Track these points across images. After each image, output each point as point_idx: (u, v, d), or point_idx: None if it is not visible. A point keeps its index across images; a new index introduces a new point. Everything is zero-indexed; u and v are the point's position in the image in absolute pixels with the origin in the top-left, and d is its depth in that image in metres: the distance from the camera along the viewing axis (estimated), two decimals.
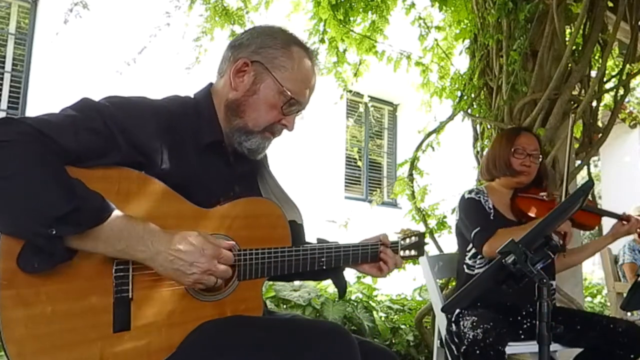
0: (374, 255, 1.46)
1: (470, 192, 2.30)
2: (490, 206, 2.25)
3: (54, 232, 0.95)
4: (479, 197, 2.26)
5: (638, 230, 2.28)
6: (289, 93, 1.27)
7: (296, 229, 1.36)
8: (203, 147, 1.25)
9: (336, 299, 3.64)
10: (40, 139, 0.98)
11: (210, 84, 1.36)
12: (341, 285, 1.50)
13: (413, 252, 1.56)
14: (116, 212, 1.03)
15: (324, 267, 1.36)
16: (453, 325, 1.98)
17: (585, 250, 2.44)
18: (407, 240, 1.55)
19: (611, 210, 2.39)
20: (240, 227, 1.24)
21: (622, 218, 2.30)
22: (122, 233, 1.02)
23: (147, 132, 1.14)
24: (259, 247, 1.25)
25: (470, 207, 2.26)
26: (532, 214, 2.22)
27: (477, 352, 1.80)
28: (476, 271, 2.22)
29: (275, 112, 1.28)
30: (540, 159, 2.33)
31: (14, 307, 0.98)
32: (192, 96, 1.33)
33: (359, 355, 1.13)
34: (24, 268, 0.97)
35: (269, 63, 1.27)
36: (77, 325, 1.04)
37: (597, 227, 2.56)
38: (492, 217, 2.21)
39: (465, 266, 2.26)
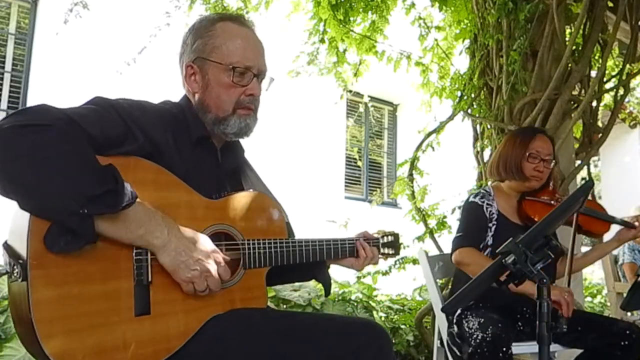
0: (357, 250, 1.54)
1: (475, 195, 2.25)
2: (494, 210, 2.20)
3: (86, 211, 0.98)
4: (483, 201, 2.21)
5: None
6: (232, 65, 1.30)
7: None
8: (194, 144, 1.31)
9: (336, 299, 3.64)
10: (73, 126, 1.04)
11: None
12: (326, 282, 1.55)
13: (391, 251, 1.66)
14: (139, 199, 1.07)
15: (317, 259, 1.43)
16: (455, 327, 1.97)
17: (589, 256, 2.38)
18: (385, 239, 1.65)
19: (622, 218, 2.30)
20: (242, 218, 1.31)
21: (631, 225, 2.21)
22: (143, 219, 1.08)
23: (155, 126, 1.21)
24: (261, 238, 1.31)
25: (468, 212, 2.23)
26: (537, 219, 2.17)
27: (487, 353, 1.79)
28: None
29: (232, 88, 1.32)
30: (554, 164, 2.26)
31: (43, 286, 1.00)
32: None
33: (392, 348, 1.21)
34: (51, 248, 1.00)
35: (203, 53, 1.33)
36: (101, 308, 1.06)
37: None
38: (494, 222, 2.18)
39: None
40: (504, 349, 1.80)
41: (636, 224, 2.21)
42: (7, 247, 1.08)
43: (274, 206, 1.39)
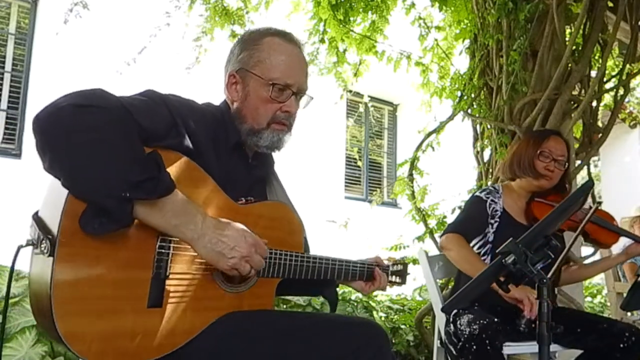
0: (370, 274, 1.57)
1: (482, 191, 2.29)
2: (498, 207, 2.22)
3: (127, 195, 1.01)
4: (488, 197, 2.24)
5: None
6: (272, 82, 1.33)
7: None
8: (230, 149, 1.35)
9: None
10: (126, 114, 1.08)
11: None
12: (334, 300, 1.57)
13: (398, 280, 1.68)
14: (177, 190, 1.10)
15: (329, 277, 1.45)
16: (451, 325, 1.98)
17: (596, 266, 2.41)
18: (395, 267, 1.67)
19: (632, 233, 2.31)
20: (264, 226, 1.33)
21: None
22: (179, 210, 1.10)
23: (199, 125, 1.25)
24: (278, 249, 1.33)
25: (470, 204, 2.27)
26: None
27: (474, 347, 1.79)
28: None
29: (269, 104, 1.35)
30: (567, 166, 2.27)
31: (67, 265, 1.02)
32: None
33: (391, 347, 1.22)
34: (84, 228, 1.01)
35: (247, 65, 1.36)
36: (117, 294, 1.08)
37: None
38: (497, 220, 2.19)
39: None
40: (493, 344, 1.79)
41: None
42: (38, 219, 1.09)
43: (295, 219, 1.42)
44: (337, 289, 1.63)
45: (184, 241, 1.13)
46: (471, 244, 2.25)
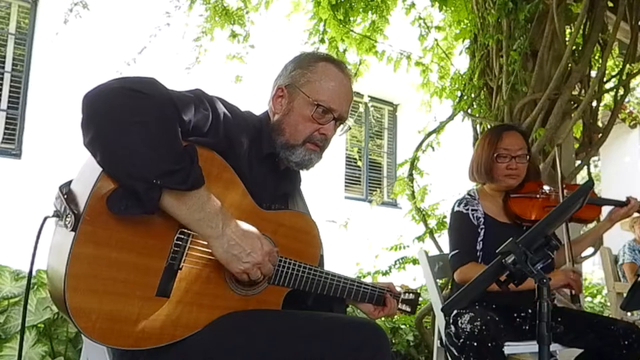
0: (379, 299, 1.58)
1: (459, 203, 2.23)
2: (480, 215, 2.18)
3: (158, 182, 1.04)
4: (467, 208, 2.19)
5: (637, 210, 2.20)
6: (317, 102, 1.38)
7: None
8: (263, 158, 1.39)
9: None
10: (171, 105, 1.12)
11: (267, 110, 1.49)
12: None
13: (407, 308, 1.69)
14: (205, 186, 1.13)
15: (339, 295, 1.47)
16: (452, 326, 1.97)
17: (584, 240, 2.36)
18: (406, 295, 1.68)
19: (611, 198, 2.28)
20: (283, 235, 1.36)
21: (622, 204, 2.21)
22: (204, 205, 1.12)
23: (237, 129, 1.30)
24: (293, 259, 1.35)
25: (457, 223, 2.20)
26: (527, 217, 2.17)
27: (475, 345, 1.79)
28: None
29: (310, 123, 1.39)
30: (529, 157, 2.22)
31: (87, 242, 1.05)
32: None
33: (390, 347, 1.24)
34: (111, 207, 1.04)
35: (298, 82, 1.41)
36: (129, 279, 1.10)
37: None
38: (482, 226, 2.16)
39: None
40: (493, 342, 1.79)
41: (630, 200, 2.21)
42: (68, 191, 1.12)
43: (315, 233, 1.45)
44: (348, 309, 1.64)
45: (202, 237, 1.16)
46: None
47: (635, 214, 2.30)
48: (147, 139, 1.04)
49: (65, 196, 1.10)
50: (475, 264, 2.09)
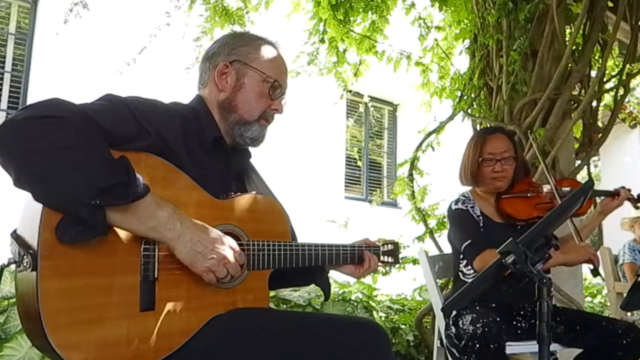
0: (360, 256, 1.56)
1: (457, 202, 2.24)
2: (478, 213, 2.21)
3: (98, 202, 0.99)
4: (466, 206, 2.21)
5: (627, 199, 2.21)
6: (271, 78, 1.40)
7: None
8: (208, 146, 1.33)
9: (336, 299, 3.64)
10: (87, 119, 1.06)
11: (198, 95, 1.45)
12: (326, 287, 1.58)
13: (390, 259, 1.67)
14: (151, 192, 1.08)
15: (319, 264, 1.45)
16: (452, 327, 1.97)
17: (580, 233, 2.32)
18: (385, 247, 1.67)
19: (602, 189, 2.28)
20: (248, 220, 1.32)
21: (613, 194, 2.21)
22: (155, 211, 1.08)
23: (167, 125, 1.23)
24: (265, 240, 1.33)
25: (460, 219, 2.21)
26: (520, 216, 2.18)
27: (477, 346, 1.79)
28: (470, 279, 2.20)
29: (264, 99, 1.40)
30: (515, 157, 2.22)
31: (52, 277, 1.00)
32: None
33: (391, 347, 1.23)
34: (62, 238, 1.00)
35: (245, 58, 1.40)
36: (107, 301, 1.07)
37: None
38: (481, 225, 2.18)
39: (460, 273, 2.26)
40: (496, 343, 1.79)
41: (620, 191, 2.21)
42: (17, 236, 1.08)
43: (279, 210, 1.42)
44: (329, 275, 1.63)
45: (163, 242, 1.12)
46: (461, 257, 2.23)
47: (636, 214, 2.30)
48: (71, 161, 0.99)
49: (17, 241, 1.06)
50: (491, 251, 2.05)
